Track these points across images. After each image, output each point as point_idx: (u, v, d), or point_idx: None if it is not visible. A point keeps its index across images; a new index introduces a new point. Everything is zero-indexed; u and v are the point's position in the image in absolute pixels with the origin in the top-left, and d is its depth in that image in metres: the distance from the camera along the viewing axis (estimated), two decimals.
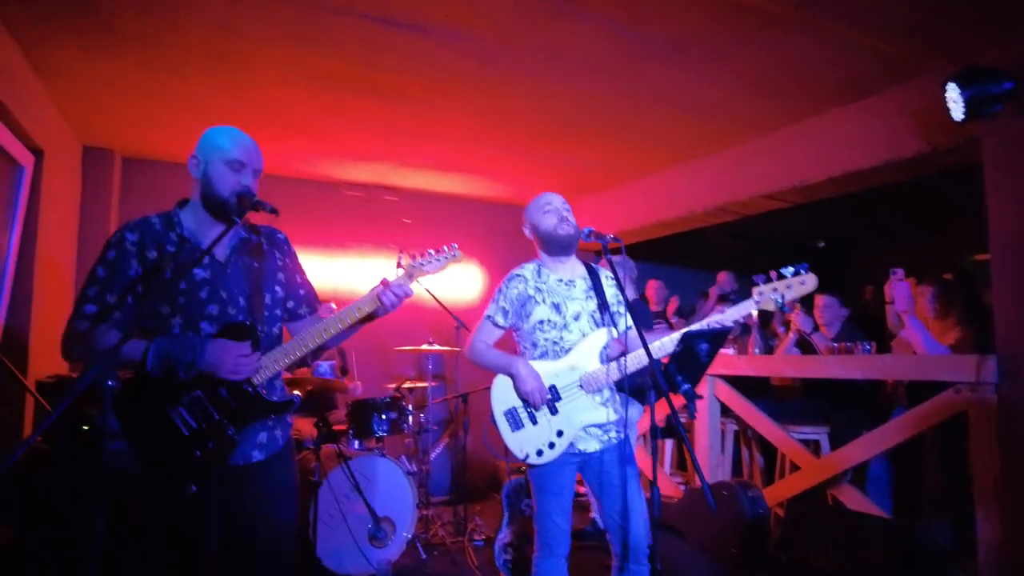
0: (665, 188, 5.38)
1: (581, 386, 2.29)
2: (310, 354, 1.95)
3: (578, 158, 5.10)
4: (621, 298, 2.41)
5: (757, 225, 5.63)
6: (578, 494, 2.64)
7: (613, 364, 2.26)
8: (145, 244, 1.76)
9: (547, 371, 2.31)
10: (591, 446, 2.31)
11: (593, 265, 2.50)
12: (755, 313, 4.45)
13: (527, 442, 2.29)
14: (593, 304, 2.37)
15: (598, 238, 2.24)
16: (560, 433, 2.27)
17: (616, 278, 2.36)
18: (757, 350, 4.51)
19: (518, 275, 2.42)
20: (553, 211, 2.39)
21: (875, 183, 4.10)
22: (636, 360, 2.22)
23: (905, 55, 3.26)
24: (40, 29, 3.07)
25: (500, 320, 2.41)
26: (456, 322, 4.72)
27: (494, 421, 2.35)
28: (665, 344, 2.17)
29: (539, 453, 2.27)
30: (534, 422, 2.29)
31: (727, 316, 2.17)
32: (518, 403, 2.32)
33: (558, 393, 2.29)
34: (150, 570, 1.84)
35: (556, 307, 2.35)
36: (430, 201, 6.21)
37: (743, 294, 2.33)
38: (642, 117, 4.20)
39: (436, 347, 4.63)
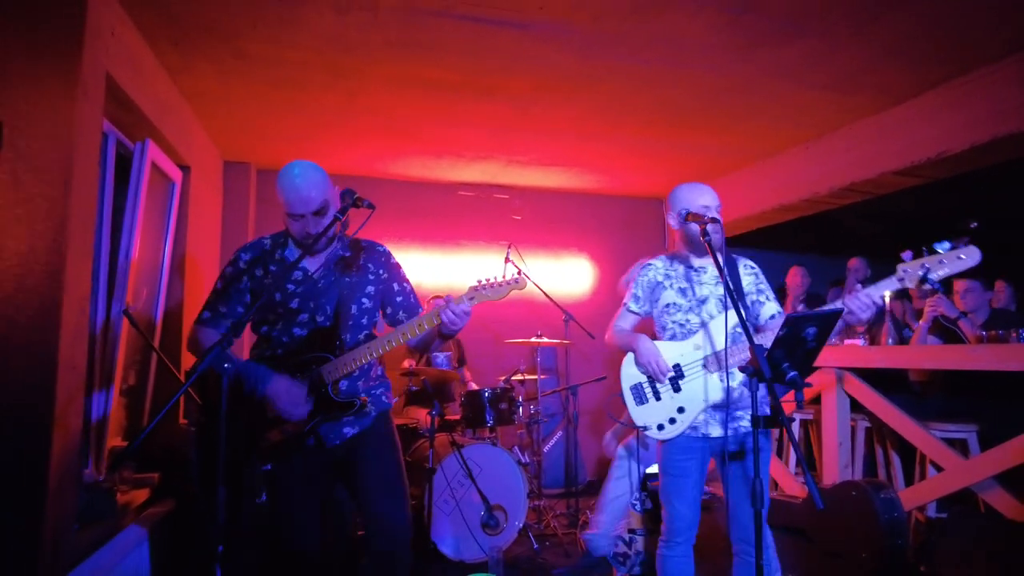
0: (784, 170, 5.07)
1: (705, 366, 2.31)
2: (422, 347, 2.16)
3: (689, 146, 4.93)
4: (763, 287, 2.43)
5: (897, 205, 5.16)
6: (704, 492, 2.62)
7: (736, 347, 2.25)
8: (255, 263, 2.11)
9: (673, 352, 2.37)
10: (716, 431, 2.32)
11: (733, 255, 2.50)
12: (887, 298, 4.15)
13: (650, 416, 2.38)
14: (722, 290, 2.37)
15: (694, 220, 2.18)
16: (681, 410, 2.32)
17: (755, 268, 2.44)
18: (891, 340, 4.13)
19: (650, 263, 2.53)
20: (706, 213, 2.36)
21: None
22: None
23: None
24: (184, 58, 3.44)
25: (633, 306, 2.52)
26: (565, 315, 4.73)
27: (622, 395, 2.48)
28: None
29: (660, 427, 2.35)
30: (657, 398, 2.38)
31: (866, 294, 2.07)
32: (643, 379, 2.42)
33: (682, 371, 2.35)
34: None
35: (682, 291, 2.41)
36: (540, 197, 6.26)
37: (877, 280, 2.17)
38: (761, 99, 3.99)
39: (546, 340, 4.66)
